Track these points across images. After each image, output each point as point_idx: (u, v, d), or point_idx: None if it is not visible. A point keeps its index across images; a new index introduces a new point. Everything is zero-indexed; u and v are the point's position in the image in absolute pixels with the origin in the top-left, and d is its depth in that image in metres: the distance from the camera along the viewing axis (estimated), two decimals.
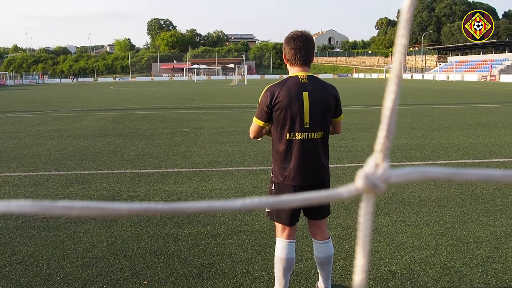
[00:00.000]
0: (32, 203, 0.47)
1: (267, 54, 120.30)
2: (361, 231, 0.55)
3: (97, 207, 0.48)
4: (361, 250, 0.55)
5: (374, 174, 0.53)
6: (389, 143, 0.54)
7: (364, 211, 0.55)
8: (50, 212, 0.48)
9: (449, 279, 3.91)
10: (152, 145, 10.72)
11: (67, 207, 0.48)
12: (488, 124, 13.85)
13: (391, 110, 0.54)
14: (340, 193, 0.54)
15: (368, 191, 0.53)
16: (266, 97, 3.25)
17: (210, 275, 4.00)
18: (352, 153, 9.36)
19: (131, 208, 0.50)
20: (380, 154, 0.54)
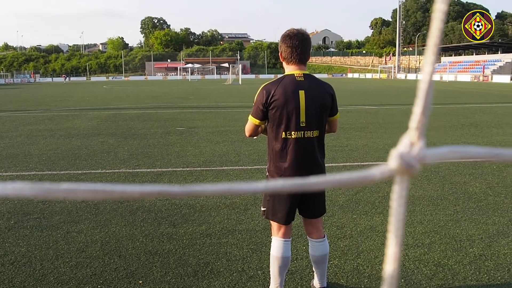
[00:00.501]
0: (31, 185, 0.44)
1: (262, 54, 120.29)
2: (394, 217, 0.51)
3: (105, 190, 0.45)
4: (393, 237, 0.51)
5: (409, 154, 0.49)
6: (426, 119, 0.50)
7: (398, 194, 0.50)
8: (51, 195, 0.44)
9: (442, 276, 3.93)
10: (146, 144, 10.69)
11: (71, 190, 0.44)
12: (480, 124, 13.91)
13: (429, 83, 0.49)
14: (372, 174, 0.49)
15: (402, 172, 0.49)
16: (262, 96, 3.24)
17: (206, 274, 3.99)
18: (347, 153, 9.38)
19: (143, 191, 0.46)
20: (416, 131, 0.50)
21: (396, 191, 0.50)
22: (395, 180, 0.50)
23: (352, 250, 4.50)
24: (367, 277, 3.94)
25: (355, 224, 5.22)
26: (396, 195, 0.50)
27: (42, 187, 0.44)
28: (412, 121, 0.50)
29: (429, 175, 7.41)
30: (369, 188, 6.65)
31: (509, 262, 4.19)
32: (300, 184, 0.49)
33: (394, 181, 0.51)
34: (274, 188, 0.49)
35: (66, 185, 0.45)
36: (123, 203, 6.02)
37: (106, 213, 5.61)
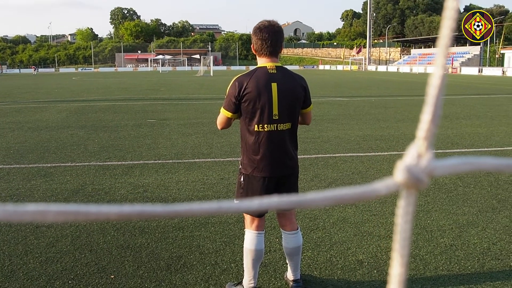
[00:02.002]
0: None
1: (233, 45, 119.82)
2: (399, 234, 0.46)
3: (79, 211, 0.39)
4: (398, 256, 0.46)
5: (417, 166, 0.45)
6: (435, 128, 0.46)
7: (404, 210, 0.46)
8: (17, 218, 0.39)
9: (414, 267, 3.99)
10: (117, 137, 10.53)
11: (40, 211, 0.39)
12: (450, 116, 14.17)
13: (439, 88, 0.46)
14: (376, 190, 0.45)
15: (409, 186, 0.45)
16: (234, 88, 3.21)
17: (179, 267, 3.96)
18: (319, 144, 9.42)
19: (121, 212, 0.41)
20: (424, 142, 0.46)
21: (402, 206, 0.46)
22: (400, 195, 0.46)
23: (325, 241, 4.52)
24: (340, 268, 3.96)
25: (327, 215, 5.25)
26: (402, 210, 0.46)
27: (6, 209, 0.39)
28: (419, 129, 0.46)
29: None
30: (341, 180, 6.70)
31: (479, 251, 4.28)
32: (299, 201, 0.45)
33: (399, 196, 0.47)
34: (269, 205, 0.45)
35: (34, 206, 0.40)
36: (94, 197, 5.92)
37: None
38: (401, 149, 8.95)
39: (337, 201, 0.45)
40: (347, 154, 8.52)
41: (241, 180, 3.36)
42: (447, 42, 0.45)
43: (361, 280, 3.76)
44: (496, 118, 13.46)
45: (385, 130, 11.33)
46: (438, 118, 0.46)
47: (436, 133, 0.46)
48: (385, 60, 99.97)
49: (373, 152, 8.69)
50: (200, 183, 6.57)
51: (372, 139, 10.01)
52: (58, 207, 0.40)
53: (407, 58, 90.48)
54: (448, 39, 0.45)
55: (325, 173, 7.09)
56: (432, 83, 0.46)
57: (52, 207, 0.40)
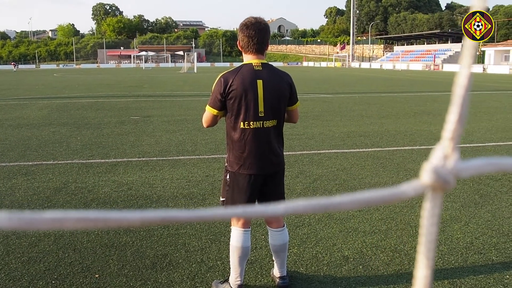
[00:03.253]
0: (8, 216, 0.36)
1: (217, 42, 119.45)
2: (425, 237, 0.45)
3: (98, 218, 0.37)
4: (424, 259, 0.46)
5: (444, 168, 0.44)
6: (462, 129, 0.45)
7: (430, 213, 0.46)
8: (34, 226, 0.37)
9: (399, 262, 4.01)
10: (100, 134, 10.43)
11: (58, 219, 0.36)
12: (432, 112, 14.31)
13: (466, 89, 0.45)
14: (404, 192, 0.45)
15: (436, 188, 0.44)
16: (219, 85, 3.19)
17: (164, 266, 3.93)
18: (304, 141, 9.44)
19: (144, 218, 0.40)
20: (451, 142, 0.45)
21: (428, 209, 0.46)
22: (426, 196, 0.45)
23: (310, 238, 4.53)
24: (326, 264, 3.97)
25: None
26: (428, 213, 0.45)
27: (23, 217, 0.37)
28: (446, 130, 0.46)
29: (384, 163, 7.56)
30: (326, 176, 6.72)
31: (462, 246, 4.32)
32: (326, 204, 0.44)
33: (425, 197, 0.46)
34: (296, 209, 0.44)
35: (52, 213, 0.38)
36: (77, 195, 5.85)
37: (59, 206, 5.44)
38: (385, 146, 9.00)
39: (365, 204, 0.44)
40: (331, 151, 8.55)
41: (227, 178, 3.34)
42: (474, 43, 0.44)
43: (347, 276, 3.77)
44: (477, 114, 13.62)
45: (369, 126, 11.39)
46: (465, 119, 0.45)
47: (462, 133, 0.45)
48: (368, 57, 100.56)
49: (357, 149, 8.73)
50: (185, 181, 6.53)
51: (356, 136, 10.06)
52: (77, 214, 0.38)
53: (390, 55, 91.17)
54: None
55: (310, 170, 7.11)
56: (458, 83, 0.45)
57: (71, 215, 0.38)
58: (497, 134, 10.28)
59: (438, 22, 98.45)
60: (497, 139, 9.64)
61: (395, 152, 8.45)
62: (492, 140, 9.55)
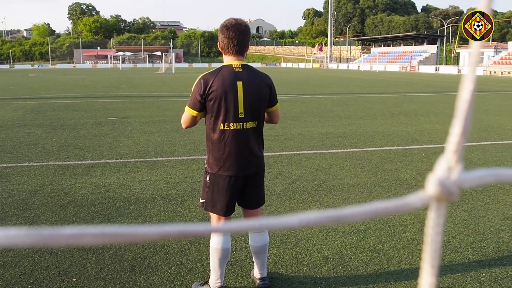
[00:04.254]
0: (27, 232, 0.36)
1: (195, 42, 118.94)
2: (430, 246, 0.47)
3: (116, 233, 0.37)
4: (429, 267, 0.47)
5: (449, 179, 0.46)
6: (465, 141, 0.47)
7: (435, 222, 0.47)
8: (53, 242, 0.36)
9: (378, 261, 4.04)
10: (77, 135, 10.28)
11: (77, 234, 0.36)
12: (409, 113, 14.49)
13: (469, 103, 0.46)
14: (411, 203, 0.46)
15: (440, 199, 0.46)
16: (199, 86, 3.17)
17: (143, 268, 3.89)
18: (282, 142, 9.46)
19: (162, 232, 0.39)
20: (454, 155, 0.47)
21: (432, 218, 0.47)
22: (431, 207, 0.47)
23: (290, 239, 4.53)
24: (306, 265, 3.98)
25: (292, 212, 5.27)
26: (432, 222, 0.47)
27: (42, 233, 0.37)
28: (449, 143, 0.47)
29: (363, 163, 7.62)
30: (305, 177, 6.74)
31: None
32: (339, 216, 0.45)
33: (429, 208, 0.48)
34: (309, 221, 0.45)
35: (70, 229, 0.37)
36: (53, 197, 5.76)
37: (35, 209, 5.34)
38: (363, 146, 9.08)
39: (375, 215, 0.46)
40: (310, 151, 8.58)
41: (207, 179, 3.33)
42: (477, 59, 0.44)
43: (326, 276, 3.79)
44: (452, 115, 13.74)
45: (347, 127, 11.48)
46: (468, 131, 0.47)
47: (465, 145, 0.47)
48: (346, 58, 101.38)
49: (336, 149, 8.78)
50: (164, 182, 6.48)
51: (334, 136, 10.12)
52: (95, 230, 0.38)
53: (367, 57, 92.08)
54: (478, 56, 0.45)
55: (289, 170, 7.12)
56: (462, 97, 0.46)
57: (89, 230, 0.38)
58: (472, 134, 10.45)
59: (414, 24, 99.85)
60: (472, 139, 9.80)
61: (373, 152, 8.52)
62: (468, 141, 9.67)
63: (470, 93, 0.46)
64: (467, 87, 0.45)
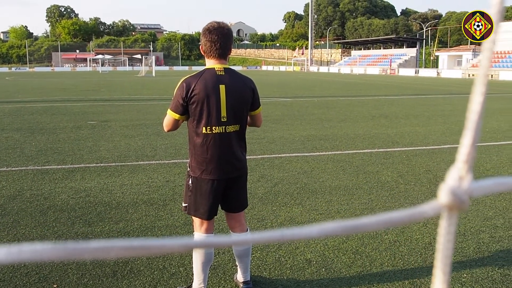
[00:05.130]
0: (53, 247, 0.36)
1: (176, 45, 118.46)
2: (441, 253, 0.49)
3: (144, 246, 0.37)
4: (440, 274, 0.49)
5: (460, 188, 0.47)
6: (475, 152, 0.48)
7: (446, 230, 0.49)
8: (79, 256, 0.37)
9: (361, 264, 4.07)
10: (56, 139, 10.15)
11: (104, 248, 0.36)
12: (390, 115, 14.63)
13: (479, 114, 0.47)
14: (424, 212, 0.48)
15: (453, 208, 0.47)
16: (182, 89, 3.15)
17: (125, 274, 3.84)
18: (264, 145, 9.46)
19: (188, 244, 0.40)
20: (465, 165, 0.48)
21: (444, 226, 0.49)
22: (442, 216, 0.48)
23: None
24: (289, 268, 3.98)
25: (275, 216, 5.27)
26: (444, 230, 0.49)
27: (67, 247, 0.37)
28: (460, 153, 0.48)
29: (344, 166, 7.66)
30: (287, 180, 6.75)
31: (421, 246, 4.42)
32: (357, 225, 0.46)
33: (441, 217, 0.49)
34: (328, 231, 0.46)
35: (97, 243, 0.38)
36: (32, 203, 5.66)
37: (14, 214, 5.25)
38: (344, 149, 9.13)
39: (390, 224, 0.47)
40: (292, 154, 8.60)
41: (190, 183, 3.31)
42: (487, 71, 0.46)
43: (310, 279, 3.79)
44: (432, 118, 14.02)
45: (328, 130, 11.53)
46: (477, 142, 0.48)
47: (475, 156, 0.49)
48: (326, 61, 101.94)
49: (317, 152, 8.82)
50: (145, 186, 6.43)
51: (316, 139, 10.16)
52: (122, 243, 0.38)
53: (347, 60, 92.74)
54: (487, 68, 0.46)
55: (271, 174, 7.12)
56: (472, 109, 0.48)
57: (117, 243, 0.38)
58: (452, 136, 10.59)
59: (394, 28, 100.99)
60: (452, 142, 9.93)
61: (354, 155, 8.58)
62: (448, 143, 9.83)
63: (480, 105, 0.47)
64: (476, 99, 0.47)
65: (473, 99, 0.47)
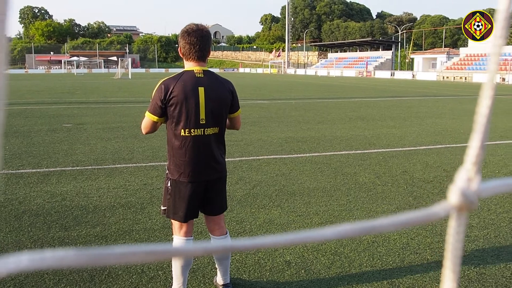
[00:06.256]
0: (76, 253, 0.36)
1: (152, 47, 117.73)
2: (451, 253, 0.50)
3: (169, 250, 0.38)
4: (450, 273, 0.50)
5: (469, 189, 0.49)
6: (484, 154, 0.50)
7: (455, 230, 0.50)
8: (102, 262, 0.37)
9: (339, 265, 4.09)
10: (30, 143, 9.97)
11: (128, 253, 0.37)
12: (366, 117, 14.77)
13: (487, 117, 0.49)
14: (436, 213, 0.49)
15: (461, 208, 0.49)
16: (160, 91, 3.13)
17: (103, 278, 3.79)
18: (242, 147, 9.46)
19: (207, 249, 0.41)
20: (474, 166, 0.50)
21: (453, 227, 0.50)
22: (451, 216, 0.50)
23: None
24: (268, 270, 3.98)
25: (253, 218, 5.27)
26: (453, 230, 0.50)
27: (91, 253, 0.36)
28: (469, 155, 0.50)
29: (322, 167, 7.70)
30: (265, 182, 6.76)
31: (399, 247, 4.47)
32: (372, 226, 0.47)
33: (450, 217, 0.51)
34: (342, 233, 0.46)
35: (121, 248, 0.38)
36: (7, 207, 5.55)
37: None
38: (322, 151, 9.19)
39: (404, 225, 0.48)
40: (270, 156, 8.61)
41: (168, 185, 3.28)
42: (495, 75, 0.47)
43: (289, 281, 3.80)
44: (408, 119, 14.21)
45: (306, 132, 11.59)
46: (485, 144, 0.49)
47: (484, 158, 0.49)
48: (303, 64, 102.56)
49: (295, 154, 8.85)
50: (122, 190, 6.36)
51: (294, 141, 10.20)
52: (147, 248, 0.39)
53: (324, 62, 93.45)
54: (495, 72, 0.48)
55: (249, 176, 7.12)
56: (480, 112, 0.49)
57: (141, 248, 0.38)
58: (428, 138, 10.75)
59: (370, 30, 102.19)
60: (427, 143, 10.08)
61: (332, 156, 8.63)
62: (423, 144, 9.97)
63: (488, 108, 0.49)
64: (485, 103, 0.49)
65: (481, 103, 0.49)
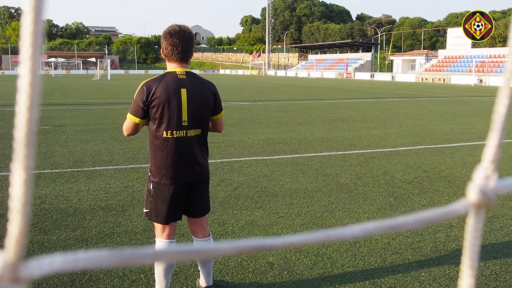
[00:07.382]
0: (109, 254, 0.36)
1: (131, 49, 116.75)
2: (469, 249, 0.51)
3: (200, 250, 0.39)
4: (468, 269, 0.51)
5: (487, 187, 0.49)
6: (501, 152, 0.51)
7: (474, 227, 0.51)
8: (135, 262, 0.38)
9: (322, 265, 4.10)
10: (7, 145, 9.79)
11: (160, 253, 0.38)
12: (347, 119, 14.87)
13: (505, 117, 0.50)
14: (456, 210, 0.50)
15: (480, 205, 0.49)
16: (142, 93, 3.10)
17: (84, 282, 3.74)
18: (223, 149, 9.43)
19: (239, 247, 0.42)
20: (491, 164, 0.50)
21: (472, 224, 0.51)
22: (470, 213, 0.51)
23: None
24: (251, 271, 3.97)
25: (236, 220, 5.26)
26: (472, 228, 0.51)
27: (123, 254, 0.37)
28: (486, 154, 0.51)
29: (303, 169, 7.72)
30: (247, 184, 6.75)
31: (380, 247, 4.50)
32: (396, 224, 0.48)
33: (469, 214, 0.51)
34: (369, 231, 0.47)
35: (152, 249, 0.39)
36: None
37: None
38: (303, 152, 9.21)
39: (427, 222, 0.48)
40: (251, 158, 8.61)
41: (150, 188, 3.25)
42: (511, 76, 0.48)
43: (272, 282, 3.79)
44: (388, 121, 14.34)
45: (287, 133, 11.61)
46: (502, 143, 0.51)
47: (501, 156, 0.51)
48: (284, 65, 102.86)
49: (277, 155, 8.86)
50: (103, 192, 6.29)
51: (275, 143, 10.21)
52: (177, 248, 0.40)
53: (304, 63, 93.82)
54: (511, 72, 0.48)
55: (231, 177, 7.10)
56: (498, 111, 0.50)
57: (171, 248, 0.39)
58: (407, 139, 10.86)
59: (350, 32, 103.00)
60: (407, 144, 10.18)
61: (313, 158, 8.66)
62: (403, 145, 10.08)
63: (506, 107, 0.49)
64: (502, 102, 0.50)
65: (499, 102, 0.49)
